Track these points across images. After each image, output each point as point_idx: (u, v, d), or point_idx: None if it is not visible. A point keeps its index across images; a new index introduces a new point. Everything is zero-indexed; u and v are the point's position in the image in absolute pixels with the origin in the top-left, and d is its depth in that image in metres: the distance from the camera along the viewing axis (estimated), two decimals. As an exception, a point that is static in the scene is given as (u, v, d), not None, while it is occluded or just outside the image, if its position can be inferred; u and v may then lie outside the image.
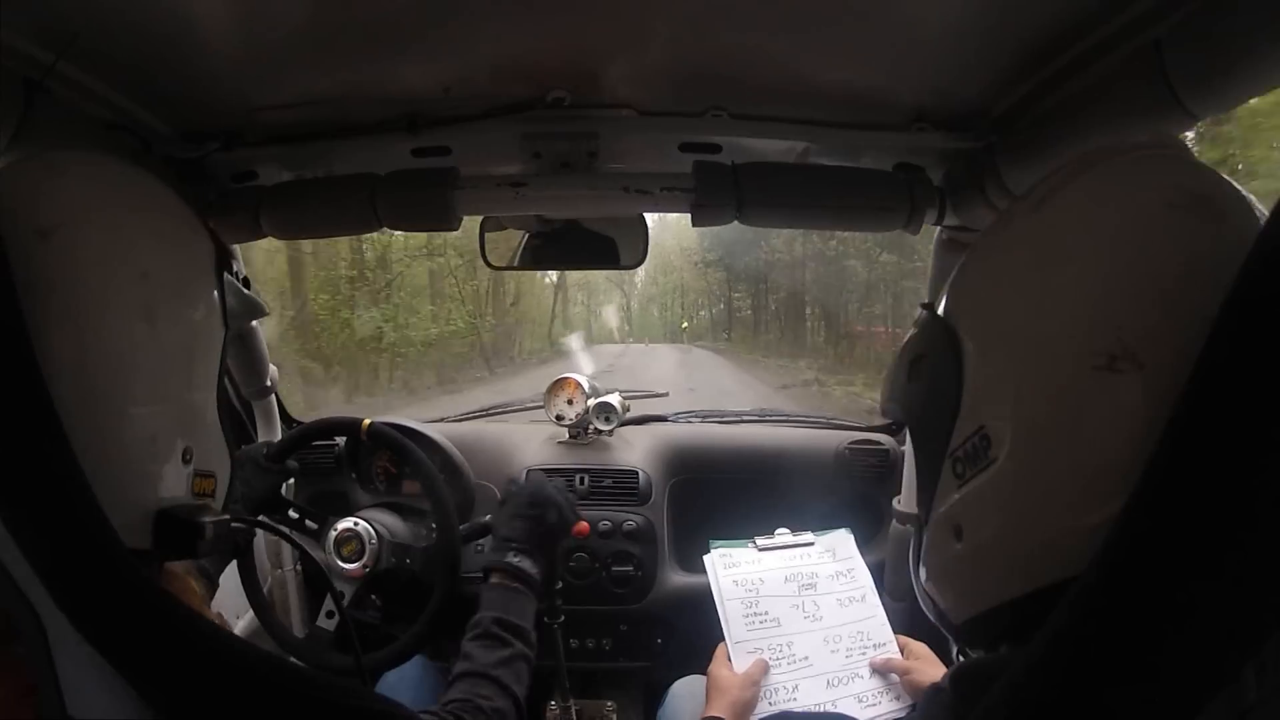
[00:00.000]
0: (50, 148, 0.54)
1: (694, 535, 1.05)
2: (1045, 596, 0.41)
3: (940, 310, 0.53)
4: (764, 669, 0.88)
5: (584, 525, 1.27)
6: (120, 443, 0.50)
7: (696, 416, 1.66)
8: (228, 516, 0.58)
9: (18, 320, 0.43)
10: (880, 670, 0.91)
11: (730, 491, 1.35)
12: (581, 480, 1.34)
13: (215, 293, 0.60)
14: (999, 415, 0.45)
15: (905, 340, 0.57)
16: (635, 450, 1.42)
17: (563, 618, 1.09)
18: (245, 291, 0.64)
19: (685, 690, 1.03)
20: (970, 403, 0.48)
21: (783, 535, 1.06)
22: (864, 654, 0.92)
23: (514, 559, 0.88)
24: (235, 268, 0.64)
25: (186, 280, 0.57)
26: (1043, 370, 0.44)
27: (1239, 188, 0.45)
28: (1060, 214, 0.47)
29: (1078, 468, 0.41)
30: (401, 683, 1.06)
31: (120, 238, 0.52)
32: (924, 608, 0.54)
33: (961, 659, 0.55)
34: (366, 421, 1.09)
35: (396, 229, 1.04)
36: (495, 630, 0.80)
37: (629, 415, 1.48)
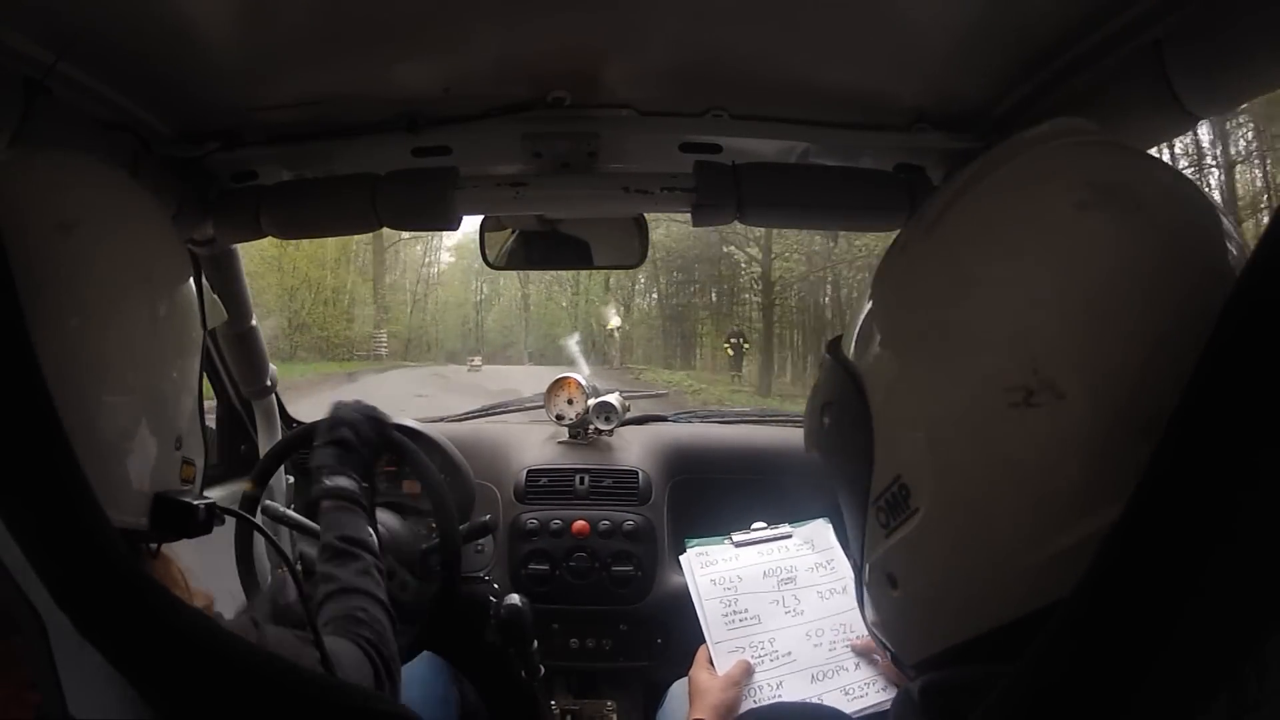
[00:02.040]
0: (50, 148, 0.56)
1: (694, 535, 1.05)
2: (994, 636, 0.40)
3: (846, 350, 0.49)
4: (746, 669, 0.86)
5: (584, 525, 1.27)
6: (125, 428, 0.54)
7: (697, 416, 1.66)
8: (213, 501, 0.61)
9: (16, 311, 0.43)
10: (861, 653, 0.90)
11: (730, 491, 1.35)
12: (581, 480, 1.34)
13: (195, 297, 0.64)
14: (914, 464, 0.42)
15: (814, 384, 0.53)
16: (635, 450, 1.42)
17: (542, 672, 1.10)
18: (212, 299, 0.70)
19: (684, 691, 1.03)
20: (883, 452, 0.44)
21: (759, 528, 1.04)
22: (847, 646, 0.90)
23: (329, 481, 0.93)
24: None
25: (179, 280, 0.61)
26: (954, 414, 0.40)
27: (1167, 167, 0.42)
28: (954, 234, 0.43)
29: (1011, 508, 0.38)
30: (410, 682, 1.06)
31: (133, 240, 0.57)
32: (876, 645, 0.52)
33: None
34: None
35: (396, 228, 1.04)
36: (342, 547, 0.85)
37: (629, 415, 1.48)
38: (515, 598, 1.06)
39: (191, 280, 0.63)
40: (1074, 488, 0.37)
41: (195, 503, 0.58)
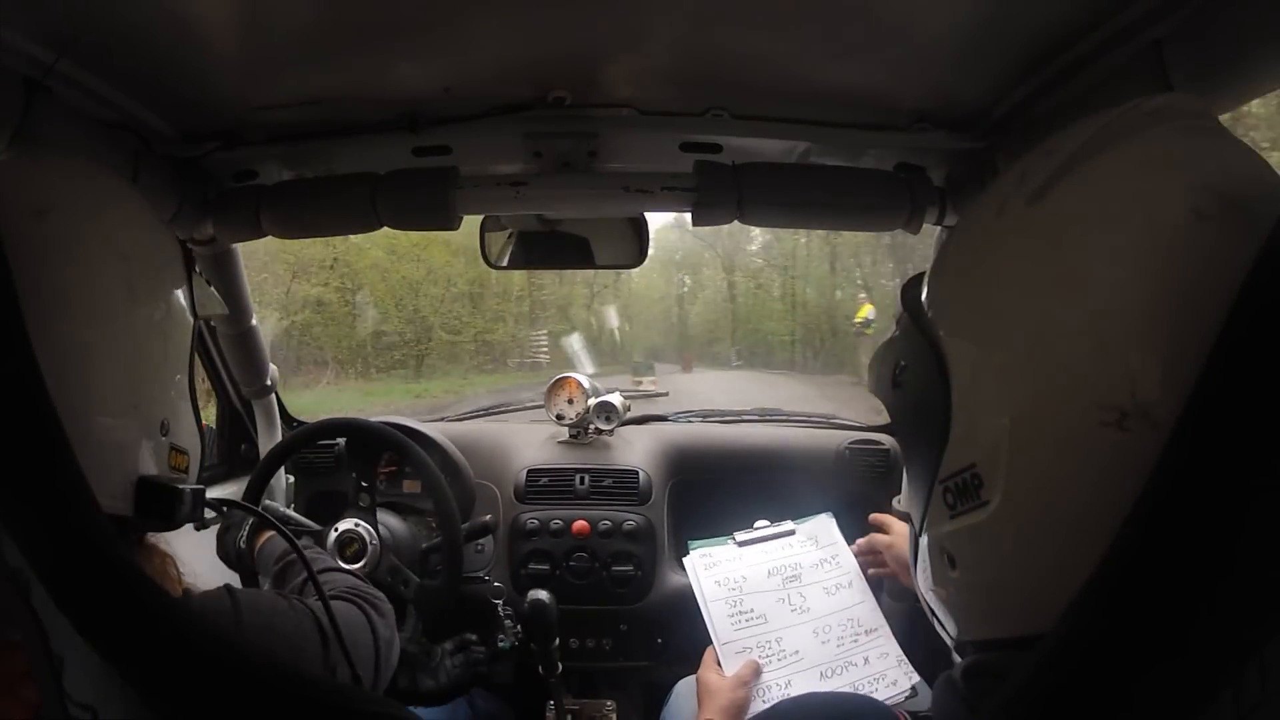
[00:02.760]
0: (50, 147, 0.57)
1: (694, 535, 1.05)
2: (1035, 640, 0.38)
3: (926, 312, 0.46)
4: (755, 669, 0.87)
5: (584, 524, 1.27)
6: (104, 409, 0.53)
7: (697, 416, 1.66)
8: (202, 488, 0.61)
9: (13, 301, 0.43)
10: (864, 551, 0.93)
11: (731, 491, 1.35)
12: (582, 480, 1.34)
13: (184, 281, 0.64)
14: (992, 457, 0.40)
15: (888, 339, 0.51)
16: (635, 450, 1.42)
17: (560, 669, 1.09)
18: (206, 288, 0.69)
19: (689, 689, 1.02)
20: (960, 433, 0.42)
21: (762, 526, 1.04)
22: (855, 641, 0.90)
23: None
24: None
25: (161, 266, 0.61)
26: (1041, 417, 0.38)
27: (1265, 163, 0.38)
28: (1063, 214, 0.39)
29: (1079, 527, 0.36)
30: None
31: (106, 221, 0.57)
32: (924, 608, 0.51)
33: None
34: None
35: (397, 228, 1.04)
36: (287, 561, 0.87)
37: (629, 415, 1.48)
38: (541, 593, 1.06)
39: (178, 265, 0.63)
40: None
41: (181, 487, 0.57)
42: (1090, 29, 0.71)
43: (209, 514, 0.78)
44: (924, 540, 0.47)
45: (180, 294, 0.63)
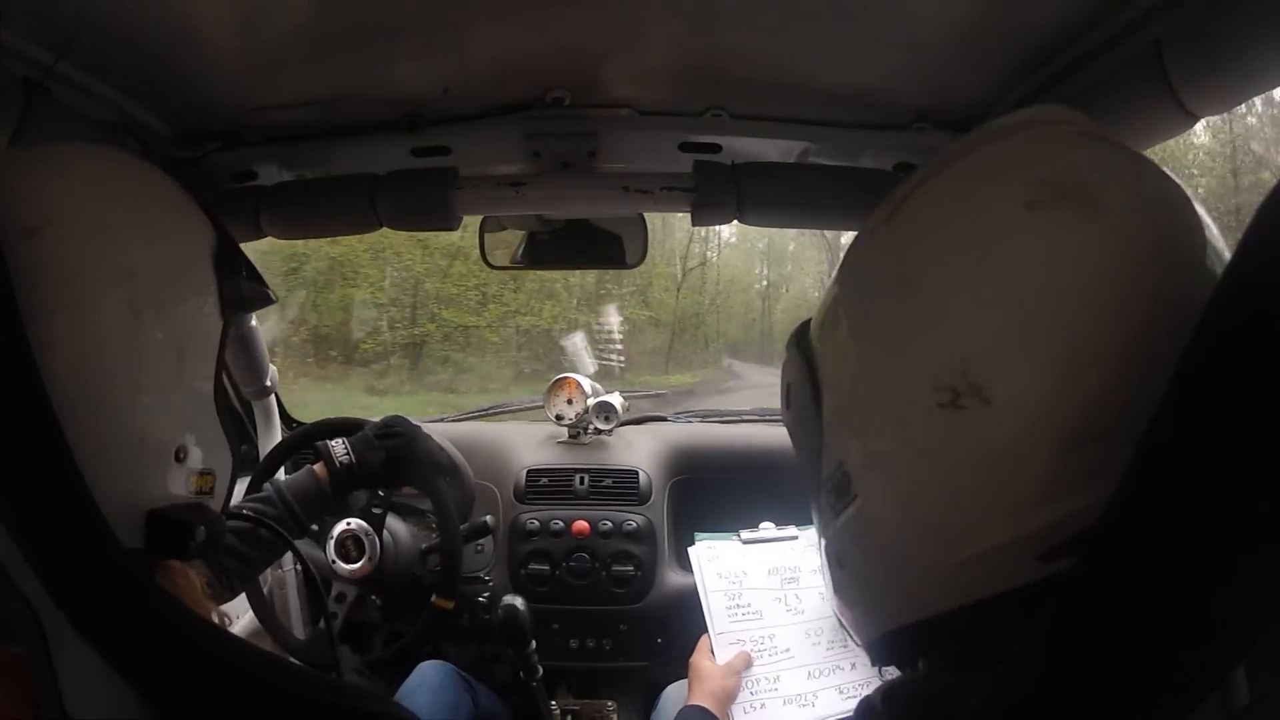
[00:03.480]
0: (51, 152, 0.54)
1: (694, 535, 1.06)
2: (929, 625, 0.40)
3: (808, 335, 0.50)
4: (746, 660, 0.89)
5: (584, 525, 1.27)
6: (107, 442, 0.49)
7: (696, 416, 1.66)
8: (219, 514, 0.57)
9: (15, 320, 0.43)
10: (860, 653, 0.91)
11: (730, 491, 1.35)
12: (581, 480, 1.34)
13: (211, 284, 0.58)
14: (852, 452, 0.43)
15: (783, 364, 0.54)
16: (635, 450, 1.42)
17: (540, 673, 1.10)
18: (249, 282, 0.63)
19: (678, 694, 1.03)
20: (830, 437, 0.45)
21: (767, 529, 1.06)
22: (845, 646, 0.92)
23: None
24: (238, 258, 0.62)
25: (177, 273, 0.55)
26: (885, 407, 0.40)
27: (1145, 162, 0.39)
28: (908, 224, 0.42)
29: (936, 506, 0.38)
30: (420, 688, 1.06)
31: (105, 236, 0.51)
32: (839, 624, 0.53)
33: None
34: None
35: (396, 228, 1.04)
36: None
37: (629, 415, 1.48)
38: (513, 598, 1.06)
39: (205, 262, 0.58)
40: (993, 496, 0.36)
41: (195, 523, 0.53)
42: (1089, 28, 0.71)
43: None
44: (823, 555, 0.49)
45: (205, 297, 0.57)
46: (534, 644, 1.07)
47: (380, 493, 1.12)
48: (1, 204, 0.48)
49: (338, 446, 1.02)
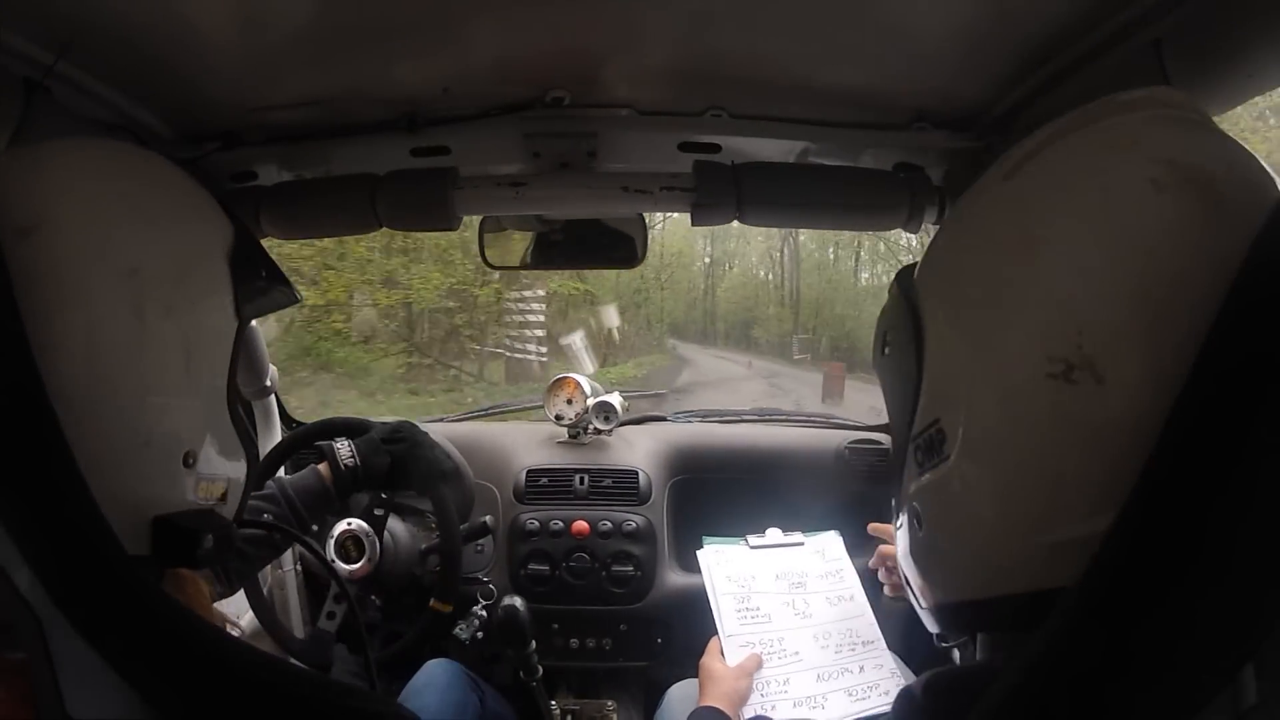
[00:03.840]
0: (53, 147, 0.52)
1: (694, 535, 1.06)
2: (1000, 605, 0.40)
3: (913, 282, 0.49)
4: (757, 662, 0.90)
5: (584, 525, 1.27)
6: (112, 444, 0.48)
7: (696, 416, 1.66)
8: (230, 521, 0.56)
9: (15, 322, 0.43)
10: (879, 563, 0.92)
11: (730, 491, 1.35)
12: (581, 480, 1.34)
13: (226, 282, 0.56)
14: (952, 412, 0.42)
15: (883, 307, 0.53)
16: (635, 450, 1.42)
17: (540, 673, 1.10)
18: (270, 281, 0.61)
19: (681, 693, 1.03)
20: (929, 392, 0.44)
21: (774, 535, 1.07)
22: (853, 650, 0.94)
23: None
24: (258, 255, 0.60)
25: (185, 271, 0.53)
26: (995, 370, 0.39)
27: (1253, 158, 0.38)
28: (1031, 186, 0.42)
29: (1030, 484, 0.38)
30: (427, 687, 1.06)
31: (106, 233, 0.49)
32: (901, 581, 0.52)
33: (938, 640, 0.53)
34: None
35: (396, 228, 1.04)
36: None
37: (628, 415, 1.48)
38: (512, 599, 1.06)
39: (219, 260, 0.56)
40: (1095, 478, 0.36)
41: (202, 531, 0.51)
42: (1089, 28, 0.71)
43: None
44: (903, 507, 0.49)
45: (216, 297, 0.55)
46: (534, 644, 1.07)
47: (383, 495, 1.13)
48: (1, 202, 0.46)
49: (343, 448, 1.03)
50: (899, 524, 0.50)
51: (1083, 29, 0.72)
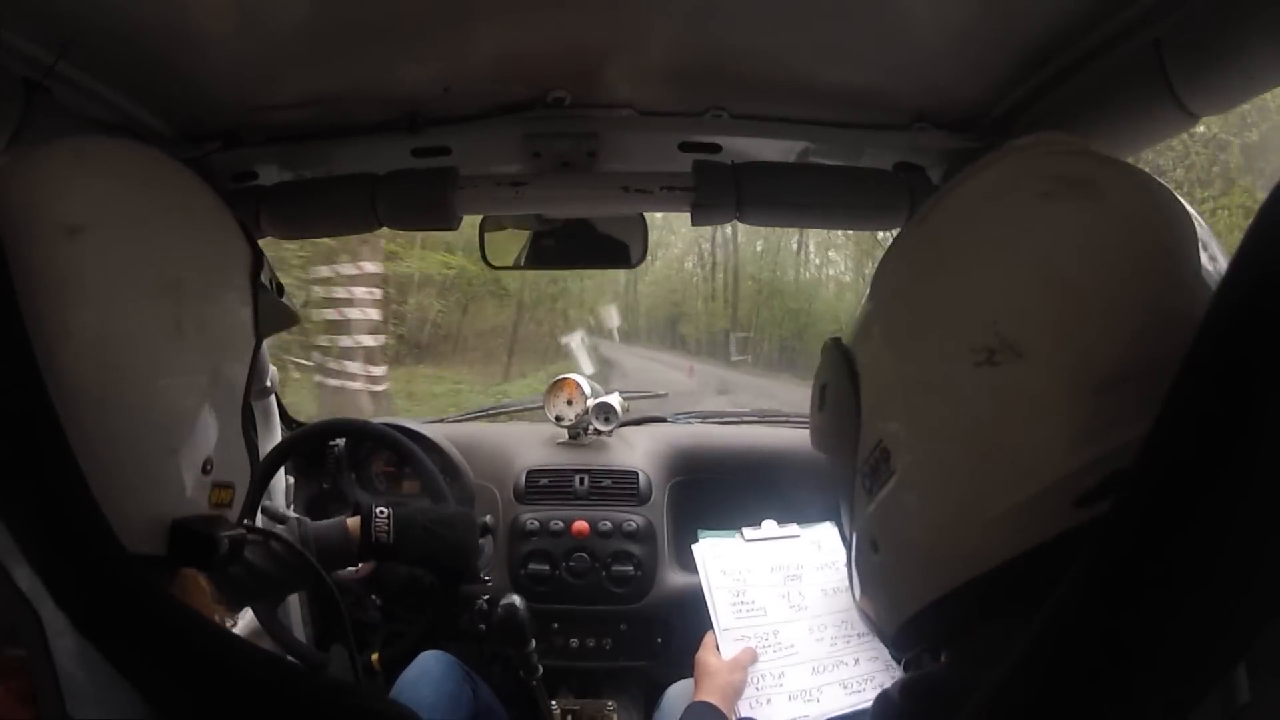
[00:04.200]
0: (67, 140, 0.51)
1: (693, 535, 1.06)
2: (964, 593, 0.42)
3: (845, 340, 0.54)
4: (752, 656, 0.90)
5: (584, 525, 1.27)
6: (141, 452, 0.48)
7: (696, 417, 1.66)
8: (243, 530, 0.56)
9: (19, 326, 0.43)
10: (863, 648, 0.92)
11: (730, 492, 1.35)
12: (581, 480, 1.34)
13: (249, 300, 0.57)
14: (893, 426, 0.46)
15: (816, 374, 0.57)
16: (635, 450, 1.42)
17: (541, 672, 1.09)
18: (278, 299, 0.61)
19: (680, 693, 1.03)
20: (868, 419, 0.48)
21: (769, 527, 1.07)
22: (849, 642, 0.93)
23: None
24: (268, 273, 0.61)
25: (218, 288, 0.54)
26: (927, 376, 0.44)
27: (1127, 165, 0.46)
28: (937, 223, 0.48)
29: (972, 463, 0.42)
30: (422, 679, 1.06)
31: (153, 242, 0.50)
32: (864, 625, 0.55)
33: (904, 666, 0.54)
34: None
35: (396, 228, 1.04)
36: None
37: (628, 415, 1.48)
38: (512, 597, 1.06)
39: (243, 279, 0.57)
40: (1034, 441, 0.40)
41: (219, 535, 0.52)
42: (1089, 28, 0.71)
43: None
44: (854, 550, 0.52)
45: (242, 313, 0.56)
46: (534, 643, 1.07)
47: (363, 485, 1.11)
48: (39, 197, 0.46)
49: (380, 519, 0.94)
50: (853, 573, 0.53)
51: (1083, 29, 0.72)
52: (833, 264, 12.04)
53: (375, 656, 1.05)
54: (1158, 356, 0.34)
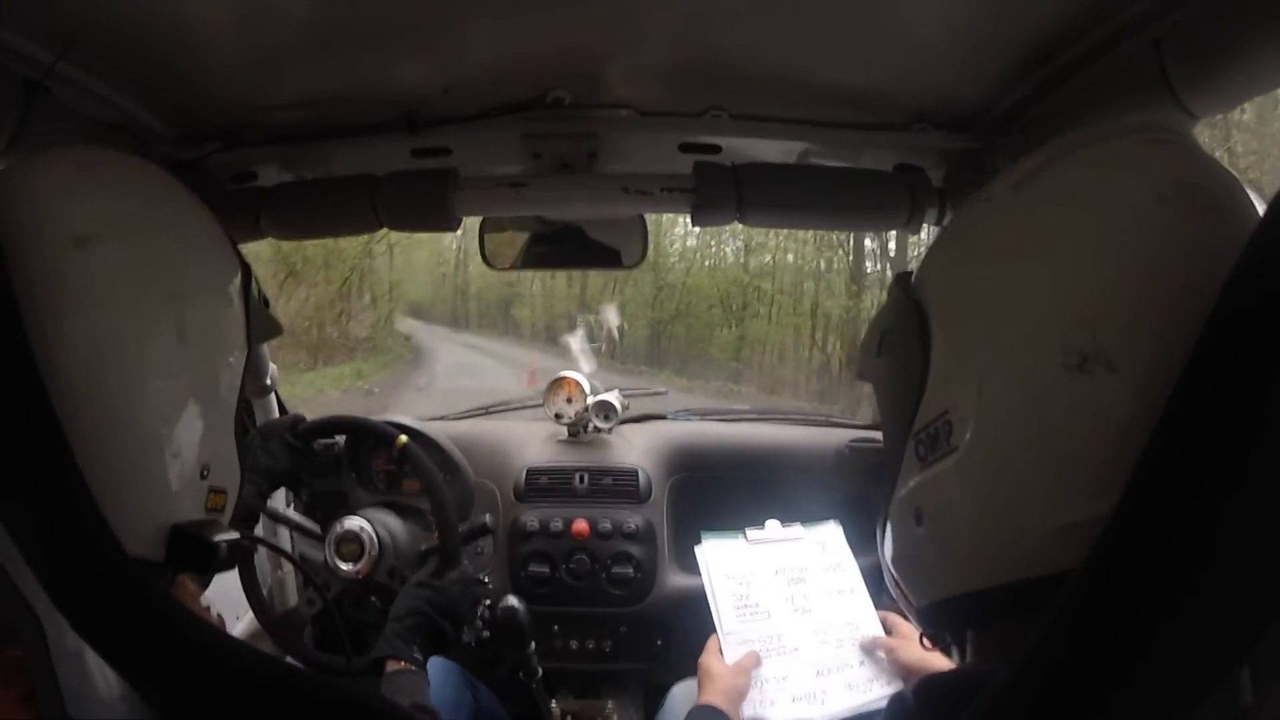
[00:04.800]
0: (50, 148, 0.53)
1: (694, 536, 1.06)
2: (1002, 593, 0.41)
3: (913, 284, 0.51)
4: (755, 659, 0.90)
5: (584, 526, 1.27)
6: (143, 457, 0.50)
7: (696, 415, 1.66)
8: (238, 535, 0.58)
9: (20, 331, 0.43)
10: (868, 649, 0.92)
11: (730, 490, 1.35)
12: (581, 479, 1.34)
13: (241, 312, 0.59)
14: (963, 403, 0.43)
15: (878, 311, 0.55)
16: (635, 449, 1.42)
17: (540, 673, 1.09)
18: (265, 309, 0.64)
19: (684, 693, 1.03)
20: (935, 385, 0.46)
21: (773, 527, 1.06)
22: (854, 644, 0.93)
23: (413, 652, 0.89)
24: (255, 285, 0.63)
25: (216, 298, 0.56)
26: (1010, 362, 0.41)
27: (1237, 178, 0.43)
28: (1042, 196, 0.44)
29: (1040, 467, 0.40)
30: None
31: (157, 253, 0.51)
32: (888, 585, 0.53)
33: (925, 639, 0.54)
34: (402, 439, 1.08)
35: (396, 229, 1.04)
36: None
37: (628, 413, 1.48)
38: (511, 599, 1.06)
39: (236, 290, 0.59)
40: (1103, 462, 0.37)
41: (217, 539, 0.54)
42: (1089, 28, 0.71)
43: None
44: (892, 509, 0.50)
45: (237, 324, 0.58)
46: (534, 645, 1.07)
47: (363, 484, 1.12)
48: (45, 209, 0.47)
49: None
50: (887, 527, 0.51)
51: (1082, 29, 0.72)
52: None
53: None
54: None
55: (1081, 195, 0.43)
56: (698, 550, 1.03)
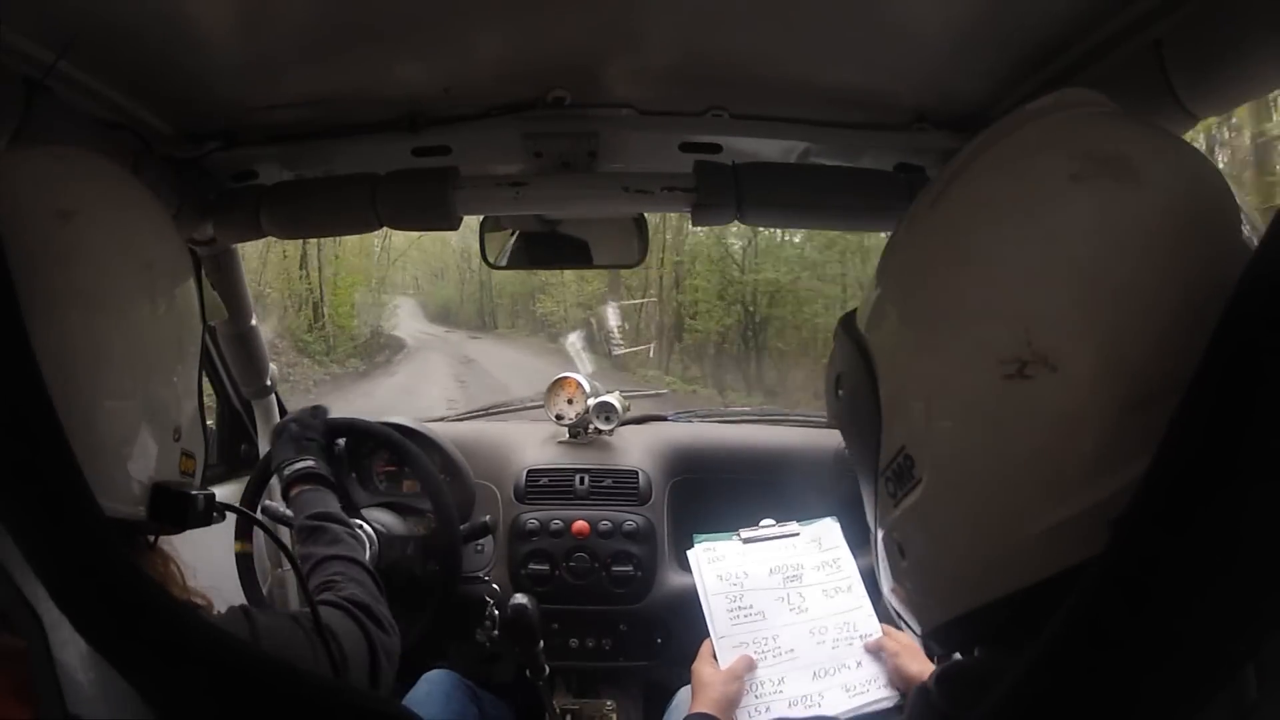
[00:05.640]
0: (51, 143, 0.58)
1: (695, 534, 1.05)
2: (996, 608, 0.40)
3: (854, 322, 0.50)
4: (749, 664, 0.88)
5: (584, 525, 1.27)
6: (125, 416, 0.54)
7: (697, 416, 1.66)
8: (212, 492, 0.62)
9: (14, 312, 0.43)
10: (872, 652, 0.90)
11: (730, 491, 1.35)
12: (581, 480, 1.34)
13: (195, 287, 0.64)
14: (915, 435, 0.42)
15: (829, 357, 0.54)
16: (635, 450, 1.42)
17: (547, 672, 1.09)
18: (211, 292, 0.70)
19: (688, 697, 1.03)
20: (889, 422, 0.45)
21: (768, 525, 1.05)
22: (850, 644, 0.91)
23: (288, 469, 1.01)
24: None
25: (180, 273, 0.62)
26: (950, 385, 0.40)
27: (1164, 136, 0.41)
28: (955, 208, 0.43)
29: (1006, 481, 0.38)
30: (428, 699, 1.06)
31: (130, 228, 0.57)
32: (892, 616, 0.52)
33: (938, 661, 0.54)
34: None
35: (396, 228, 1.04)
36: (310, 524, 0.90)
37: (629, 414, 1.48)
38: (521, 597, 1.06)
39: (190, 270, 0.64)
40: (1068, 461, 0.36)
41: (194, 493, 0.59)
42: (1089, 29, 0.71)
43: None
44: (879, 543, 0.49)
45: (193, 300, 0.64)
46: (542, 643, 1.07)
47: (363, 484, 1.12)
48: (33, 189, 0.52)
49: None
50: (880, 565, 0.51)
51: (1083, 29, 0.72)
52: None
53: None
54: (1186, 375, 0.31)
55: (992, 194, 0.41)
56: (690, 554, 1.02)
